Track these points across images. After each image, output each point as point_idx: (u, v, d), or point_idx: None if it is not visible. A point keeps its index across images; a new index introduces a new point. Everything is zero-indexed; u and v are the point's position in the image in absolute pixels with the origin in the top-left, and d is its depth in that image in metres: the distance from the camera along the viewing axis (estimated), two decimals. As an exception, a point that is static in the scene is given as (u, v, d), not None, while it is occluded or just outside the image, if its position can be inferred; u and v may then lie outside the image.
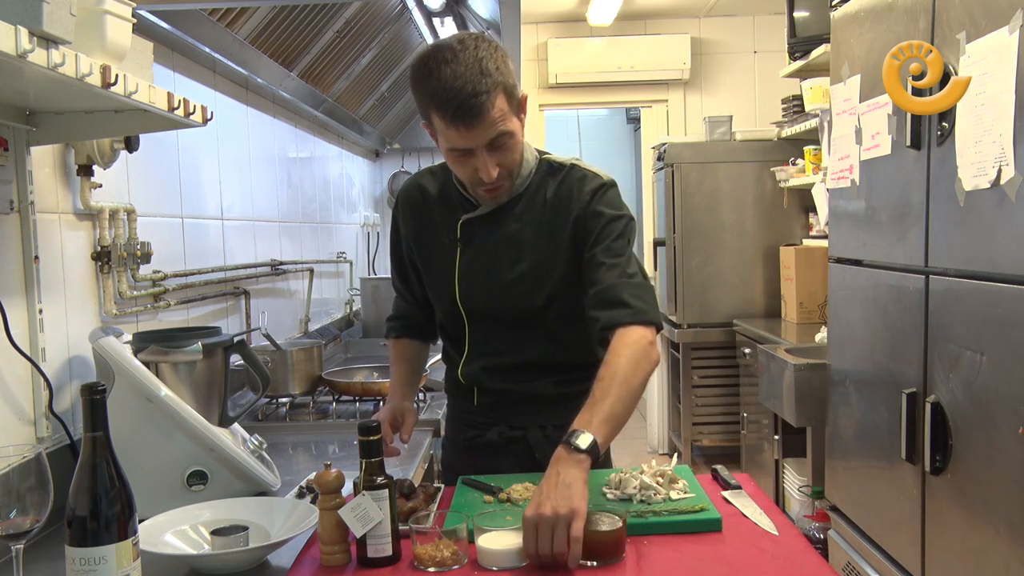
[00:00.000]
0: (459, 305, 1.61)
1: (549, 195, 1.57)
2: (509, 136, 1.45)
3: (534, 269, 1.56)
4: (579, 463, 1.27)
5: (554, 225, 1.55)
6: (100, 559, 1.03)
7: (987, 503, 1.73)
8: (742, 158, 4.53)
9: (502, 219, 1.57)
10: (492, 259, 1.58)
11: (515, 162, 1.51)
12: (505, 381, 1.63)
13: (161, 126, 1.53)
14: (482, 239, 1.59)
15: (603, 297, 1.47)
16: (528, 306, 1.57)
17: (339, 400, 2.40)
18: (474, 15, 3.17)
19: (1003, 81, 1.62)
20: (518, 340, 1.61)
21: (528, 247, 1.56)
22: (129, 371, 1.51)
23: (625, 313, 1.44)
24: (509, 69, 1.45)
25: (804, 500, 3.25)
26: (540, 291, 1.56)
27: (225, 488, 1.53)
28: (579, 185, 1.55)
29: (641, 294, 1.47)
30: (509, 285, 1.57)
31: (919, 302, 1.98)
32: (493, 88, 1.40)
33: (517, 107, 1.47)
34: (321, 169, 3.74)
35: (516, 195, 1.57)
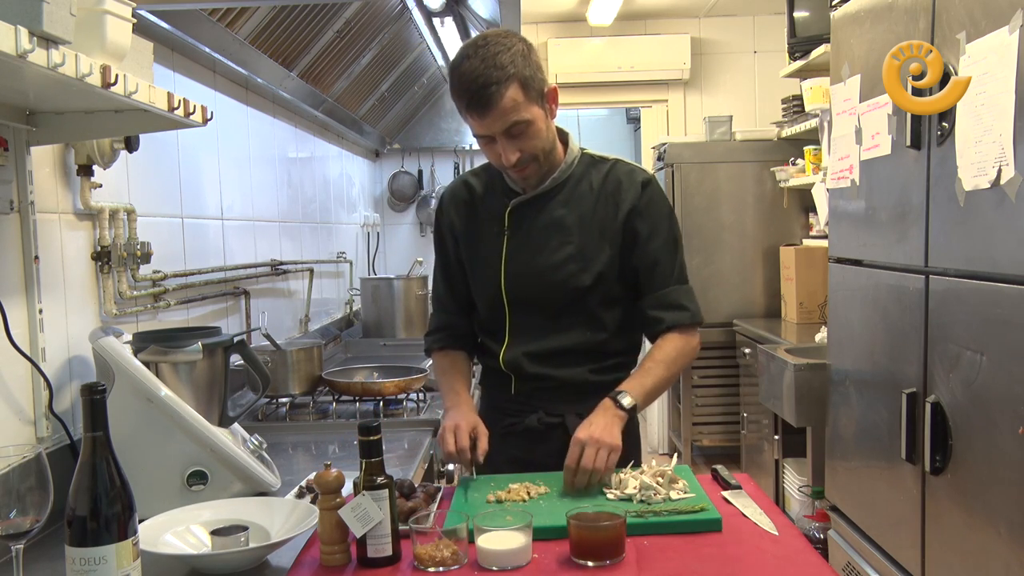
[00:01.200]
0: (503, 293, 1.70)
1: (595, 184, 1.68)
2: (526, 124, 1.56)
3: (580, 251, 1.66)
4: (619, 416, 1.54)
5: (603, 212, 1.67)
6: (100, 559, 1.03)
7: (987, 503, 1.73)
8: (742, 158, 4.53)
9: (547, 205, 1.68)
10: (539, 243, 1.68)
11: (537, 148, 1.61)
12: (544, 366, 1.71)
13: (161, 126, 1.53)
14: (529, 224, 1.69)
15: (665, 300, 1.67)
16: (575, 286, 1.66)
17: (339, 400, 2.39)
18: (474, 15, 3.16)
19: (1003, 81, 1.62)
20: (559, 325, 1.70)
21: (574, 230, 1.67)
22: (129, 371, 1.51)
23: (685, 316, 1.68)
24: (530, 62, 1.56)
25: (804, 500, 3.25)
26: (587, 272, 1.66)
27: (225, 488, 1.53)
28: (628, 177, 1.68)
29: (692, 297, 1.70)
30: (556, 266, 1.67)
31: (919, 302, 1.98)
32: (505, 80, 1.51)
33: (539, 97, 1.58)
34: (321, 169, 3.74)
35: (560, 182, 1.68)
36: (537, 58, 1.59)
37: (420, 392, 2.44)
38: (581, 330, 1.69)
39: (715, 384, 4.55)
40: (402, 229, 5.17)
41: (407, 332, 3.68)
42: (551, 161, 1.67)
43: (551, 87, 1.62)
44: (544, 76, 1.60)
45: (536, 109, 1.57)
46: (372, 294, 3.74)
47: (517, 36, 1.58)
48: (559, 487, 1.54)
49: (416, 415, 2.30)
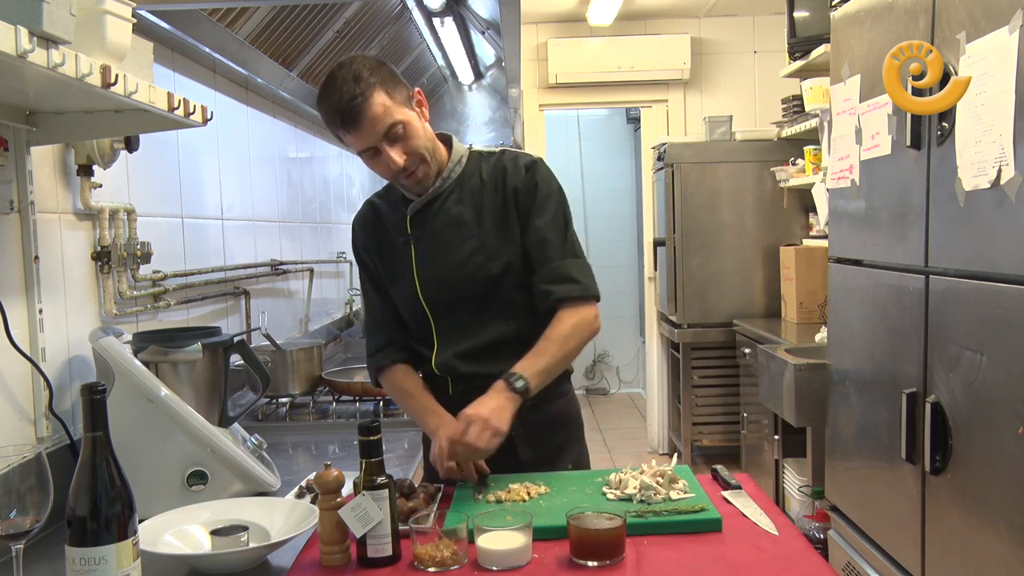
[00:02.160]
0: (421, 300, 1.72)
1: (484, 176, 1.71)
2: (403, 125, 1.59)
3: (483, 243, 1.68)
4: (512, 399, 1.55)
5: (495, 200, 1.69)
6: (100, 559, 1.03)
7: (987, 503, 1.73)
8: (742, 158, 4.53)
9: (443, 206, 1.70)
10: (443, 243, 1.70)
11: (420, 147, 1.63)
12: (475, 364, 1.70)
13: (161, 126, 1.53)
14: (430, 227, 1.71)
15: (554, 273, 1.66)
16: (485, 276, 1.67)
17: (339, 400, 2.40)
18: (474, 15, 3.17)
19: (1003, 81, 1.62)
20: (481, 321, 1.71)
21: (473, 224, 1.69)
22: (129, 371, 1.51)
23: (574, 288, 1.66)
24: (387, 72, 1.60)
25: (804, 500, 3.25)
26: (493, 261, 1.67)
27: (225, 488, 1.53)
28: (513, 163, 1.71)
29: (586, 272, 1.69)
30: (463, 262, 1.68)
31: (919, 302, 1.98)
32: (368, 89, 1.55)
33: (407, 100, 1.61)
34: (321, 169, 3.74)
35: (450, 181, 1.71)
36: (391, 69, 1.62)
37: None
38: (503, 321, 1.70)
39: (715, 384, 4.55)
40: (402, 229, 5.16)
41: (407, 332, 3.68)
42: (437, 162, 1.69)
43: (415, 90, 1.65)
44: (405, 82, 1.63)
45: (407, 111, 1.60)
46: (372, 294, 3.73)
47: (365, 56, 1.62)
48: (559, 487, 1.55)
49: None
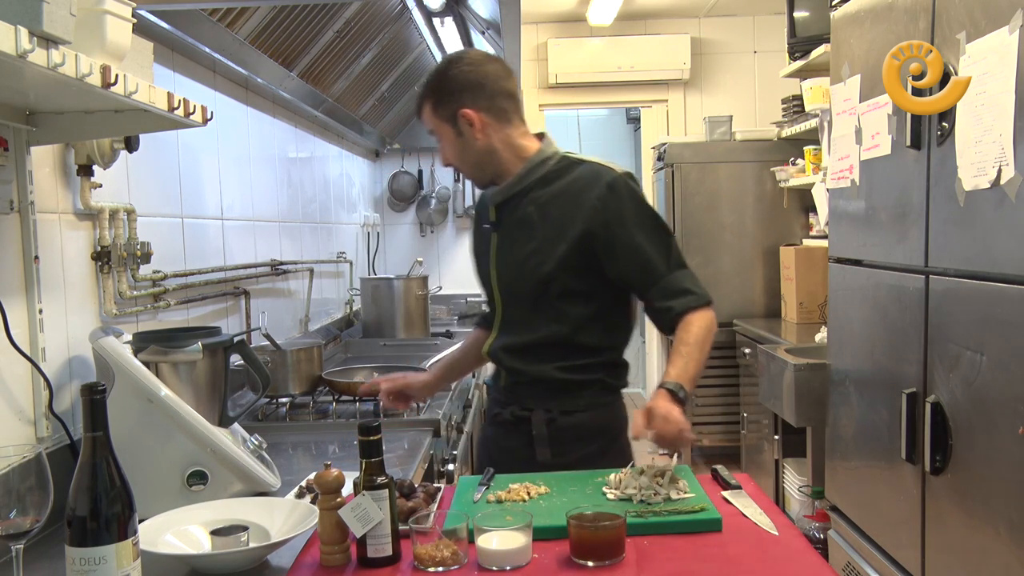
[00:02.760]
0: (494, 285, 1.85)
1: (565, 183, 1.77)
2: (438, 135, 1.80)
3: (541, 245, 1.75)
4: (678, 403, 1.61)
5: (565, 209, 1.74)
6: (100, 559, 1.03)
7: (987, 503, 1.73)
8: (742, 158, 4.53)
9: (520, 203, 1.80)
10: (512, 239, 1.81)
11: (449, 156, 1.81)
12: (516, 360, 1.81)
13: (161, 126, 1.53)
14: (507, 221, 1.82)
15: (668, 289, 1.73)
16: (537, 279, 1.75)
17: (339, 400, 2.39)
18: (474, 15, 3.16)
19: (1003, 81, 1.62)
20: (531, 320, 1.79)
21: (536, 226, 1.77)
22: (129, 371, 1.51)
23: (692, 300, 1.72)
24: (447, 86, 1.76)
25: (804, 500, 3.25)
26: (545, 264, 1.74)
27: (225, 488, 1.53)
28: (595, 178, 1.75)
29: (695, 280, 1.76)
30: (523, 260, 1.77)
31: (919, 302, 1.98)
32: (424, 97, 1.79)
33: (446, 118, 1.76)
34: (321, 169, 3.74)
35: (530, 182, 1.79)
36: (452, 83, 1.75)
37: (420, 392, 2.44)
38: (546, 324, 1.77)
39: (715, 384, 4.55)
40: (402, 229, 5.17)
41: (407, 332, 3.68)
42: (491, 170, 1.81)
43: (462, 112, 1.75)
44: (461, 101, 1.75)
45: (443, 125, 1.77)
46: (372, 294, 3.74)
47: (453, 60, 1.80)
48: (559, 487, 1.55)
49: (416, 415, 2.30)
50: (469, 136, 1.76)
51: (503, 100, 1.78)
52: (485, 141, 1.77)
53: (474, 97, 1.75)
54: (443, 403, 2.43)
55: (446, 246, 5.18)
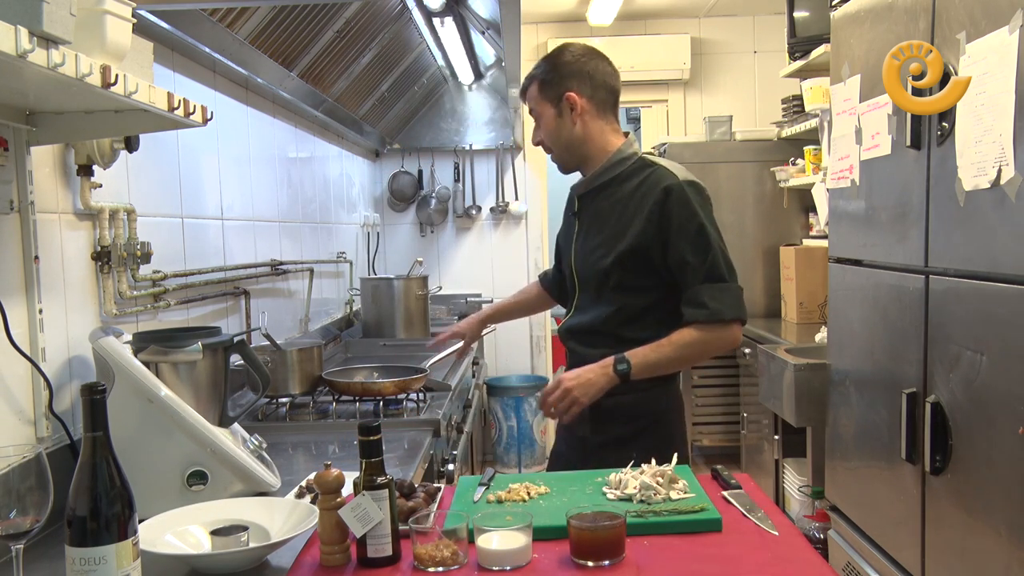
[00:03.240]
0: (572, 270, 2.03)
1: (635, 184, 1.91)
2: (537, 113, 1.97)
3: (607, 239, 1.91)
4: (609, 378, 1.82)
5: (631, 208, 1.88)
6: (100, 559, 1.03)
7: (987, 503, 1.73)
8: (742, 158, 4.53)
9: (596, 197, 1.97)
10: (587, 230, 1.99)
11: (544, 137, 1.98)
12: (575, 342, 2.00)
13: (161, 126, 1.53)
14: (587, 212, 2.00)
15: (690, 298, 1.84)
16: (599, 268, 1.92)
17: (339, 400, 2.39)
18: (474, 15, 3.16)
19: (1003, 81, 1.62)
20: (593, 306, 1.96)
21: (608, 221, 1.92)
22: (129, 371, 1.51)
23: (701, 313, 1.83)
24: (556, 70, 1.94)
25: (804, 500, 3.25)
26: (607, 257, 1.90)
27: (225, 488, 1.53)
28: (657, 182, 1.87)
29: (720, 296, 1.83)
30: (592, 250, 1.95)
31: (919, 302, 1.98)
32: (532, 77, 1.98)
33: (551, 98, 1.93)
34: (321, 169, 3.74)
35: (609, 178, 1.94)
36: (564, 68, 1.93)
37: (420, 392, 2.44)
38: (602, 310, 1.93)
39: (715, 384, 4.55)
40: (402, 229, 5.17)
41: (407, 332, 3.68)
42: (579, 156, 1.97)
43: (568, 94, 1.91)
44: (568, 85, 1.92)
45: (547, 106, 1.94)
46: (372, 294, 3.74)
47: (564, 49, 1.97)
48: (559, 487, 1.55)
49: (416, 415, 2.30)
50: (568, 119, 1.92)
51: (605, 94, 1.94)
52: (581, 127, 1.93)
53: (580, 84, 1.91)
54: (443, 403, 2.43)
55: (446, 246, 5.18)
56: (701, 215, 1.84)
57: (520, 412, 4.84)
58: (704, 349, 1.86)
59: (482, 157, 5.10)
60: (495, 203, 5.12)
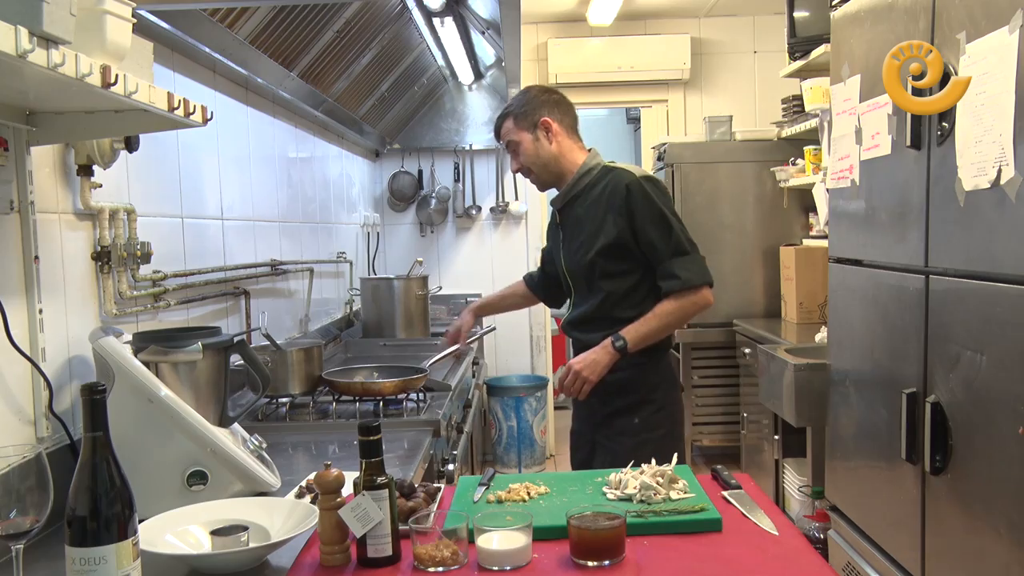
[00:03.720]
0: (564, 271, 2.36)
1: (601, 188, 2.25)
2: (514, 144, 2.31)
3: (587, 238, 2.24)
4: (611, 355, 2.17)
5: (601, 208, 2.22)
6: (100, 559, 1.03)
7: (987, 503, 1.73)
8: (742, 158, 4.53)
9: (574, 206, 2.31)
10: (570, 234, 2.33)
11: (526, 162, 2.31)
12: (577, 331, 2.33)
13: (161, 126, 1.53)
14: (567, 221, 2.35)
15: (662, 272, 2.19)
16: (584, 263, 2.25)
17: (339, 400, 2.40)
18: (474, 15, 3.16)
19: (1003, 81, 1.62)
20: (586, 298, 2.30)
21: (585, 224, 2.26)
22: (129, 371, 1.51)
23: (675, 283, 2.17)
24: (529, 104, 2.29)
25: (804, 500, 3.25)
26: (590, 252, 2.23)
27: (225, 488, 1.53)
28: (618, 181, 2.21)
29: (687, 265, 2.18)
30: (576, 250, 2.29)
31: (919, 302, 1.98)
32: (505, 115, 2.33)
33: (527, 126, 2.28)
34: (321, 169, 3.74)
35: (580, 188, 2.29)
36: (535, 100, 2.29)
37: (420, 392, 2.45)
38: (593, 298, 2.26)
39: (715, 384, 4.55)
40: (402, 229, 5.17)
41: (407, 332, 3.68)
42: (556, 172, 2.31)
43: (543, 119, 2.27)
44: (542, 113, 2.28)
45: (524, 134, 2.29)
46: (372, 294, 3.74)
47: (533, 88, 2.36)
48: (559, 487, 1.55)
49: (416, 415, 2.30)
50: (544, 141, 2.28)
51: (571, 120, 2.33)
52: (556, 147, 2.29)
53: (551, 111, 2.28)
54: (443, 403, 2.43)
55: (446, 246, 5.18)
56: (659, 203, 2.18)
57: (520, 412, 4.84)
58: (683, 314, 2.19)
59: (482, 157, 5.10)
60: (495, 203, 5.12)
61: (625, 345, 2.15)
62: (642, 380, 2.25)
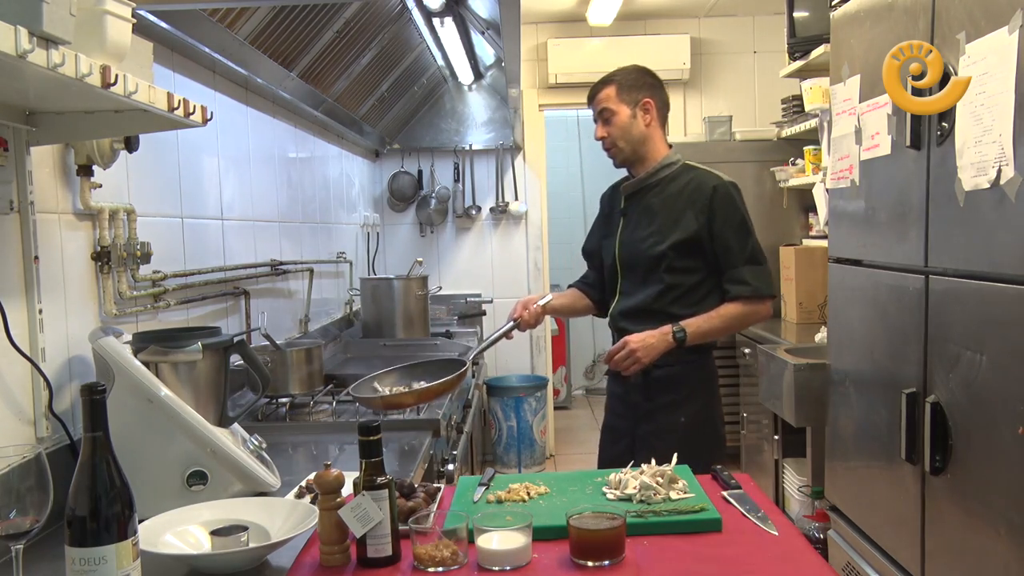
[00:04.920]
0: (617, 259, 2.34)
1: (681, 184, 2.27)
2: (609, 112, 2.31)
3: (658, 230, 2.25)
4: (667, 341, 2.17)
5: (680, 204, 2.24)
6: (100, 559, 1.03)
7: (987, 503, 1.74)
8: (742, 158, 4.52)
9: (646, 195, 2.32)
10: (636, 222, 2.32)
11: (616, 133, 2.31)
12: (627, 322, 2.29)
13: (161, 126, 1.53)
14: (634, 209, 2.34)
15: (732, 276, 2.22)
16: (651, 254, 2.25)
17: (339, 400, 2.40)
18: (474, 15, 3.16)
19: (1003, 81, 1.62)
20: (641, 289, 2.28)
21: (657, 215, 2.27)
22: (129, 371, 1.51)
23: (745, 289, 2.21)
24: (635, 79, 2.35)
25: (804, 500, 3.25)
26: (660, 245, 2.23)
27: (225, 488, 1.53)
28: (704, 181, 2.25)
29: (758, 275, 2.22)
30: (642, 239, 2.28)
31: (919, 302, 1.98)
32: (607, 81, 2.35)
33: (629, 100, 2.31)
34: (321, 169, 3.74)
35: (657, 180, 2.30)
36: (641, 79, 2.36)
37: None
38: (650, 289, 2.25)
39: (715, 384, 4.53)
40: (402, 229, 5.17)
41: (407, 332, 3.68)
42: (639, 154, 2.32)
43: (646, 100, 2.32)
44: (647, 93, 2.33)
45: (624, 107, 2.30)
46: (372, 294, 3.73)
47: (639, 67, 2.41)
48: (559, 487, 1.55)
49: (416, 415, 2.30)
50: (640, 120, 2.30)
51: (666, 112, 2.37)
52: (648, 130, 2.31)
53: (654, 95, 2.33)
54: (443, 403, 2.43)
55: (446, 246, 5.18)
56: (741, 210, 2.25)
57: (520, 412, 4.84)
58: (745, 320, 2.26)
59: (482, 157, 5.10)
60: (495, 203, 5.12)
61: (684, 337, 2.16)
62: (690, 378, 2.26)
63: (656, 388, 2.25)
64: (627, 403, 2.32)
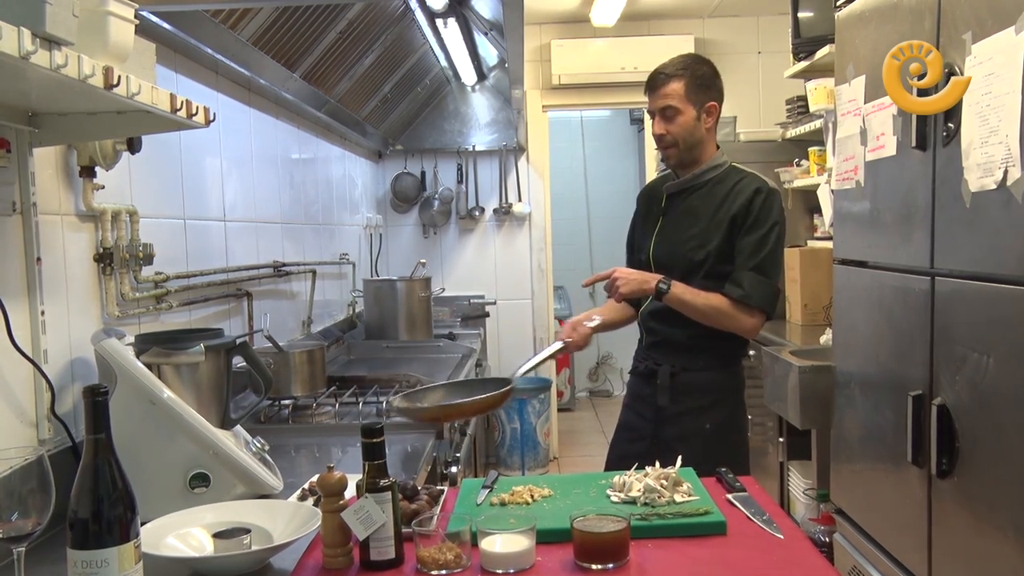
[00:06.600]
0: (651, 257, 2.29)
1: (727, 187, 2.22)
2: (674, 110, 2.18)
3: (700, 233, 2.20)
4: (649, 288, 2.12)
5: (722, 208, 2.19)
6: (102, 562, 1.02)
7: (994, 506, 1.72)
8: (746, 159, 4.47)
9: (689, 197, 2.27)
10: (677, 223, 2.27)
11: (677, 134, 2.20)
12: (657, 323, 2.26)
13: (164, 127, 1.53)
14: (675, 209, 2.29)
15: (734, 276, 2.14)
16: (691, 258, 2.20)
17: (342, 402, 2.39)
18: (477, 16, 3.16)
19: (1009, 81, 1.61)
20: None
21: (701, 218, 2.22)
22: (131, 373, 1.50)
23: (735, 291, 2.12)
24: (707, 78, 2.21)
25: (809, 503, 3.24)
26: (702, 249, 2.19)
27: (227, 491, 1.53)
28: (747, 185, 2.21)
29: (756, 284, 2.12)
30: (683, 241, 2.23)
31: (925, 304, 1.97)
32: (676, 75, 2.18)
33: (697, 101, 2.19)
34: (323, 170, 3.74)
35: (702, 181, 2.25)
36: (711, 78, 2.21)
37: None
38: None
39: (719, 386, 4.52)
40: (405, 230, 5.16)
41: (410, 334, 3.68)
42: (693, 156, 2.24)
43: (712, 104, 2.21)
44: (714, 96, 2.21)
45: (688, 105, 2.18)
46: (375, 296, 3.73)
47: (703, 59, 2.26)
48: (563, 490, 1.54)
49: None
50: (702, 123, 2.21)
51: (720, 114, 2.27)
52: (707, 134, 2.24)
53: (718, 99, 2.24)
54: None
55: (449, 248, 5.18)
56: (774, 218, 2.17)
57: (523, 414, 4.83)
58: (722, 320, 2.14)
59: (485, 158, 5.10)
60: (498, 204, 5.12)
61: (665, 291, 2.11)
62: (719, 384, 2.23)
63: (683, 392, 2.21)
64: (652, 404, 2.26)
